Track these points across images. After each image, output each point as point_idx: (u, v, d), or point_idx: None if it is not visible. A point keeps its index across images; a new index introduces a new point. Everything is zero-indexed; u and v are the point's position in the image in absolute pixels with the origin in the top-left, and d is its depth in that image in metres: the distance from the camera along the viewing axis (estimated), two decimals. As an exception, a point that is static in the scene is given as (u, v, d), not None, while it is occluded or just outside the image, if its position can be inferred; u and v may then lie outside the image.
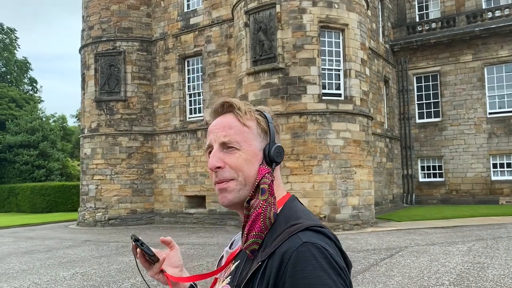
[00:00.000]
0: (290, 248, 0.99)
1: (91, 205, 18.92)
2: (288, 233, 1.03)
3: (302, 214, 1.11)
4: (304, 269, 0.96)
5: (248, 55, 14.85)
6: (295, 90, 14.00)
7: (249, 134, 1.16)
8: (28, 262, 9.78)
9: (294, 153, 13.83)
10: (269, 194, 1.11)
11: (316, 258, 0.97)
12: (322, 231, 1.04)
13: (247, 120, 1.17)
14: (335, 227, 13.55)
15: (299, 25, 14.10)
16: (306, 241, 0.99)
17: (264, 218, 1.09)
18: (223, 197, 1.16)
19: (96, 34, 19.49)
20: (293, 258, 0.98)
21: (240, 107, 1.18)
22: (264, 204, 1.10)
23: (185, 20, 18.71)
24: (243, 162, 1.14)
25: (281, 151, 1.18)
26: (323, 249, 0.99)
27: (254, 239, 1.09)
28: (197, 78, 18.58)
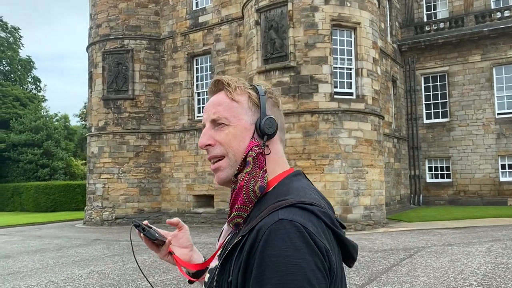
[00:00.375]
0: (266, 224, 0.95)
1: (98, 204, 18.80)
2: (270, 208, 0.99)
3: (294, 190, 1.05)
4: (273, 247, 0.91)
5: (259, 54, 14.73)
6: (306, 89, 13.88)
7: (238, 108, 1.14)
8: (41, 260, 9.66)
9: (305, 152, 13.71)
10: (254, 166, 1.07)
11: (289, 236, 0.91)
12: (308, 208, 0.98)
13: (237, 95, 1.15)
14: (347, 227, 13.38)
15: (311, 23, 13.99)
16: (283, 218, 0.94)
17: (246, 190, 1.06)
18: (217, 176, 1.15)
19: (104, 32, 19.39)
20: (266, 235, 0.93)
21: (229, 83, 1.16)
22: (246, 176, 1.07)
23: (194, 19, 18.60)
24: (232, 138, 1.12)
25: (273, 122, 1.13)
26: (301, 226, 0.92)
27: (237, 212, 1.07)
28: (205, 76, 18.47)
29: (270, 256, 0.90)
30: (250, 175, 1.07)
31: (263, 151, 1.10)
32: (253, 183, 1.06)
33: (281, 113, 1.22)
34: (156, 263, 8.75)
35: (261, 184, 1.06)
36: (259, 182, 1.06)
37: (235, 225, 1.08)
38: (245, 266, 0.96)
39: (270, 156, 1.12)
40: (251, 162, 1.08)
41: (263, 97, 1.16)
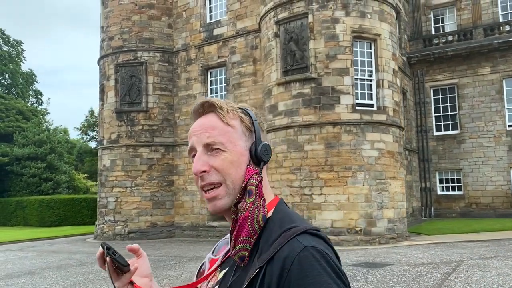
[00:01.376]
0: (292, 252, 0.95)
1: (110, 218, 18.49)
2: (286, 237, 0.98)
3: (295, 217, 1.07)
4: (309, 275, 0.92)
5: (278, 65, 14.66)
6: (328, 100, 13.79)
7: (233, 133, 1.10)
8: (68, 277, 9.37)
9: (328, 164, 13.56)
10: (257, 196, 1.05)
11: (319, 263, 0.94)
12: (319, 234, 1.01)
13: (230, 119, 1.11)
14: (371, 240, 13.22)
15: (332, 35, 13.96)
16: (308, 245, 0.96)
17: (252, 221, 1.03)
18: (213, 205, 1.09)
19: (116, 44, 19.30)
20: (296, 263, 0.94)
21: (221, 106, 1.12)
22: (251, 206, 1.04)
23: (209, 31, 18.56)
24: (230, 164, 1.07)
25: (268, 149, 1.11)
26: (324, 253, 0.96)
27: (242, 245, 1.03)
28: (220, 89, 18.37)
29: (309, 284, 0.91)
30: (254, 205, 1.04)
31: (262, 179, 1.08)
32: (257, 213, 1.03)
33: (267, 137, 1.18)
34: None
35: (263, 214, 1.04)
36: (262, 212, 1.04)
37: (240, 258, 1.04)
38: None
39: (265, 181, 1.11)
40: (253, 191, 1.05)
41: (256, 122, 1.12)
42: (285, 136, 14.32)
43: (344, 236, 13.17)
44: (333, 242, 9.30)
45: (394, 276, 7.81)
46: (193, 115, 1.18)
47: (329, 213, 13.35)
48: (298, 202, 13.80)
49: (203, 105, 1.15)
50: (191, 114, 1.19)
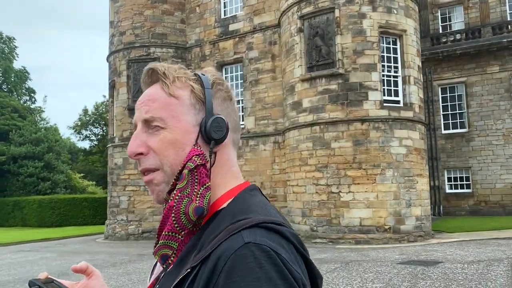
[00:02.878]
0: (227, 251, 0.74)
1: (123, 217, 18.04)
2: (229, 230, 0.78)
3: (256, 207, 0.85)
4: (241, 280, 0.70)
5: (302, 61, 14.41)
6: (356, 96, 13.59)
7: (177, 106, 0.90)
8: (110, 277, 8.98)
9: (356, 161, 13.36)
10: (192, 182, 0.85)
11: (260, 265, 0.71)
12: (277, 229, 0.78)
13: (177, 88, 0.91)
14: (400, 238, 13.06)
15: (359, 30, 13.76)
16: (250, 241, 0.74)
17: (177, 213, 0.84)
18: (151, 191, 0.92)
19: (128, 39, 18.84)
20: (228, 264, 0.72)
21: (165, 72, 0.92)
22: (177, 194, 0.84)
23: (224, 27, 18.22)
24: (169, 145, 0.88)
25: (221, 123, 0.90)
26: (273, 252, 0.73)
27: (164, 241, 0.85)
28: (236, 85, 18.04)
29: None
30: (182, 193, 0.84)
31: (205, 162, 0.87)
32: (186, 203, 0.83)
33: (234, 108, 0.97)
34: None
35: (198, 204, 0.83)
36: (196, 202, 0.83)
37: (162, 257, 0.86)
38: None
39: (219, 166, 0.90)
40: (185, 176, 0.85)
41: (209, 90, 0.91)
42: (310, 133, 14.08)
43: (373, 234, 12.98)
44: (362, 240, 8.86)
45: (457, 274, 7.63)
46: (142, 86, 0.97)
47: (358, 211, 13.14)
48: (324, 200, 13.57)
49: (148, 74, 0.95)
50: (141, 85, 0.98)
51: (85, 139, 50.18)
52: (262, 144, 16.74)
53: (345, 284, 7.21)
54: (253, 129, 17.04)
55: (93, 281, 0.99)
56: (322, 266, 8.95)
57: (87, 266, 1.00)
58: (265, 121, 16.79)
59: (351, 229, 13.13)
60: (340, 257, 10.36)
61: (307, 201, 13.96)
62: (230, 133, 0.93)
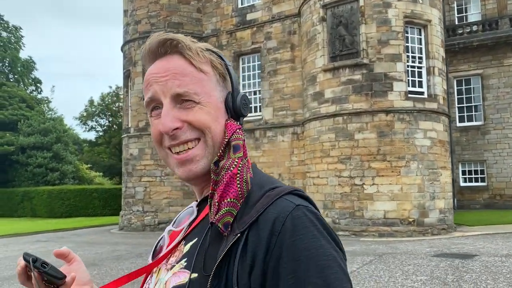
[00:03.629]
0: (282, 213, 0.78)
1: (139, 208, 17.91)
2: (271, 196, 0.81)
3: (274, 180, 0.91)
4: (304, 238, 0.76)
5: (325, 51, 14.16)
6: (380, 87, 13.35)
7: (208, 82, 0.90)
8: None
9: (380, 153, 13.16)
10: (244, 153, 0.88)
11: (314, 224, 0.78)
12: (306, 196, 0.85)
13: (201, 63, 0.90)
14: (424, 231, 12.89)
15: (384, 20, 13.49)
16: (300, 204, 0.80)
17: (241, 180, 0.84)
18: (189, 170, 0.89)
19: (144, 28, 18.59)
20: (288, 224, 0.77)
21: (190, 46, 0.90)
22: (240, 162, 0.86)
23: (241, 16, 17.95)
24: (208, 117, 0.89)
25: (247, 102, 0.94)
26: (318, 213, 0.82)
27: (228, 208, 0.83)
28: (253, 76, 17.80)
29: (302, 248, 0.75)
30: (243, 162, 0.86)
31: (244, 137, 0.91)
32: (246, 172, 0.86)
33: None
34: None
35: (251, 175, 0.87)
36: (249, 173, 0.87)
37: (225, 225, 0.83)
38: (262, 264, 0.76)
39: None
40: (241, 146, 0.88)
41: (231, 67, 0.94)
42: (332, 124, 13.87)
43: (398, 227, 12.81)
44: (385, 233, 8.73)
45: (498, 267, 7.47)
46: (148, 57, 0.93)
47: (382, 203, 12.97)
48: (347, 192, 13.40)
49: (164, 44, 0.90)
50: (144, 55, 0.93)
51: (90, 130, 49.97)
52: (280, 135, 16.54)
53: (388, 276, 7.04)
54: (271, 120, 16.83)
55: (74, 266, 0.98)
56: (356, 258, 8.78)
57: (69, 252, 0.99)
58: (284, 112, 16.57)
59: (374, 221, 12.96)
60: (369, 249, 10.20)
61: (329, 193, 13.78)
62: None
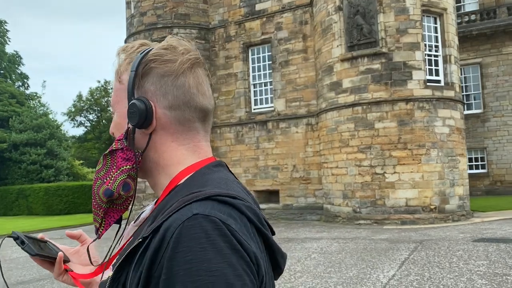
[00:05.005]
0: (176, 221, 0.74)
1: (149, 203, 17.65)
2: (181, 202, 0.78)
3: (213, 182, 0.84)
4: (187, 250, 0.71)
5: (342, 40, 14.14)
6: (400, 76, 13.41)
7: (122, 91, 0.93)
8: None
9: (401, 142, 13.25)
10: (107, 166, 0.90)
11: (208, 236, 0.72)
12: (230, 201, 0.78)
13: (123, 72, 0.93)
14: (445, 218, 13.07)
15: (402, 9, 13.52)
16: (198, 212, 0.74)
17: (94, 194, 0.91)
18: None
19: (150, 20, 18.25)
20: (176, 235, 0.73)
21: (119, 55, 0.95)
22: (94, 177, 0.93)
23: (250, 6, 17.76)
24: (116, 129, 0.96)
25: (136, 110, 0.87)
26: (222, 223, 0.73)
27: (93, 215, 0.93)
28: (263, 67, 17.68)
29: (183, 262, 0.70)
30: (97, 175, 0.91)
31: (124, 146, 0.90)
32: (99, 185, 0.89)
33: (179, 83, 0.90)
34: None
35: (108, 187, 0.89)
36: (108, 185, 0.89)
37: (95, 228, 0.94)
38: (147, 275, 0.75)
39: (165, 146, 0.91)
40: (101, 160, 0.91)
41: (133, 73, 0.89)
42: (351, 114, 13.89)
43: (419, 214, 12.96)
44: (408, 220, 8.78)
45: (548, 250, 7.62)
46: None
47: (404, 191, 13.08)
48: (368, 181, 13.47)
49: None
50: None
51: (79, 126, 49.07)
52: (294, 126, 16.50)
53: (448, 262, 7.10)
54: (283, 111, 16.77)
55: (84, 248, 1.05)
56: (398, 245, 8.86)
57: (81, 234, 1.10)
58: (297, 103, 16.53)
59: (396, 209, 13.08)
60: (403, 237, 10.29)
61: (349, 183, 13.84)
62: (170, 111, 0.90)
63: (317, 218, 15.72)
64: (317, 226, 13.83)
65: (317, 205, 15.85)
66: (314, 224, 14.73)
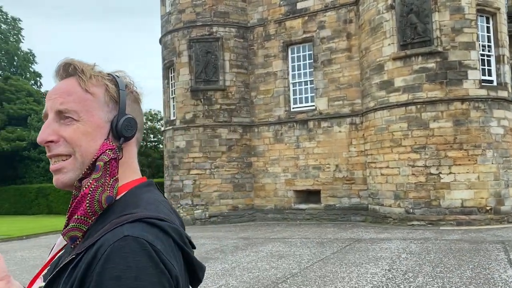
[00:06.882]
0: (107, 241, 0.83)
1: (188, 202, 17.51)
2: (114, 223, 0.87)
3: (144, 203, 0.93)
4: (114, 268, 0.79)
5: (394, 39, 14.01)
6: (455, 75, 13.28)
7: (92, 102, 0.98)
8: (254, 262, 8.54)
9: (456, 142, 13.11)
10: (105, 173, 0.94)
11: (134, 255, 0.80)
12: (158, 223, 0.87)
13: (92, 85, 0.99)
14: (500, 219, 12.92)
15: (457, 8, 13.40)
16: (129, 234, 0.83)
17: (91, 200, 0.92)
18: (57, 179, 0.98)
19: (188, 18, 18.09)
20: (107, 253, 0.81)
21: (84, 70, 0.99)
22: (93, 183, 0.93)
23: (291, 5, 17.62)
24: (81, 136, 0.96)
25: (133, 124, 1.00)
26: (148, 244, 0.82)
27: (75, 224, 0.92)
28: (304, 66, 17.53)
29: (110, 277, 0.79)
30: (98, 183, 0.93)
31: (117, 156, 0.97)
32: (100, 192, 0.92)
33: (141, 110, 1.09)
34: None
35: (109, 194, 0.93)
36: (108, 192, 0.93)
37: (71, 238, 0.93)
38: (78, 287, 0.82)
39: (123, 161, 1.00)
40: (101, 167, 0.94)
41: (124, 92, 1.01)
42: (404, 114, 13.75)
43: (475, 216, 12.81)
44: (463, 221, 8.64)
45: None
46: (55, 78, 1.04)
47: (459, 192, 12.93)
48: (422, 182, 13.32)
49: (64, 68, 1.01)
50: (53, 76, 1.04)
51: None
52: (337, 125, 16.35)
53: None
54: (325, 110, 16.62)
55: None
56: (483, 246, 8.72)
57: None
58: (340, 102, 16.38)
59: (452, 210, 12.93)
60: (477, 237, 10.15)
61: (401, 183, 13.69)
62: (136, 133, 1.01)
63: (361, 219, 15.55)
64: (370, 227, 13.66)
65: (361, 206, 15.68)
66: (362, 225, 14.56)
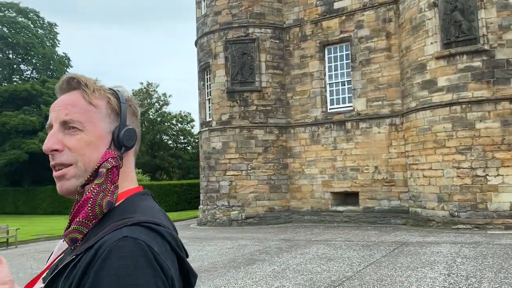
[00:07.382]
0: (107, 241, 0.87)
1: (224, 203, 17.53)
2: (114, 226, 0.91)
3: (142, 209, 0.98)
4: (112, 265, 0.83)
5: (437, 37, 13.65)
6: (503, 74, 12.82)
7: (95, 114, 1.04)
8: (309, 265, 8.42)
9: (505, 143, 12.65)
10: (107, 180, 0.99)
11: (132, 255, 0.84)
12: (155, 228, 0.92)
13: (95, 98, 1.05)
14: (552, 223, 12.38)
15: (505, 4, 12.94)
16: (128, 235, 0.87)
17: (93, 204, 0.95)
18: (60, 185, 1.02)
19: (224, 19, 18.15)
20: (105, 253, 0.85)
21: (87, 83, 1.05)
22: (96, 188, 0.97)
23: (327, 5, 17.44)
24: (85, 145, 1.01)
25: (133, 134, 1.06)
26: (146, 246, 0.86)
27: (76, 226, 0.96)
28: (341, 66, 17.31)
29: (106, 275, 0.82)
30: (100, 188, 0.97)
31: (118, 164, 1.02)
32: (102, 197, 0.96)
33: (138, 123, 1.14)
34: None
35: (110, 199, 0.97)
36: (108, 197, 0.97)
37: (71, 240, 0.96)
38: (77, 285, 0.85)
39: (121, 169, 1.03)
40: (104, 174, 0.98)
41: (124, 105, 1.07)
42: (448, 114, 13.37)
43: (525, 219, 12.31)
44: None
45: None
46: (58, 92, 1.07)
47: (508, 195, 12.46)
48: (468, 184, 12.91)
49: (69, 82, 1.05)
50: (56, 91, 1.08)
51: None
52: (376, 126, 16.06)
53: None
54: (364, 111, 16.35)
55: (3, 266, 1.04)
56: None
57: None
58: (379, 102, 16.08)
59: (500, 213, 12.47)
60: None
61: (445, 186, 13.30)
62: (135, 144, 1.08)
63: (402, 222, 15.19)
64: (412, 230, 13.32)
65: (402, 209, 15.33)
66: (403, 228, 14.21)
